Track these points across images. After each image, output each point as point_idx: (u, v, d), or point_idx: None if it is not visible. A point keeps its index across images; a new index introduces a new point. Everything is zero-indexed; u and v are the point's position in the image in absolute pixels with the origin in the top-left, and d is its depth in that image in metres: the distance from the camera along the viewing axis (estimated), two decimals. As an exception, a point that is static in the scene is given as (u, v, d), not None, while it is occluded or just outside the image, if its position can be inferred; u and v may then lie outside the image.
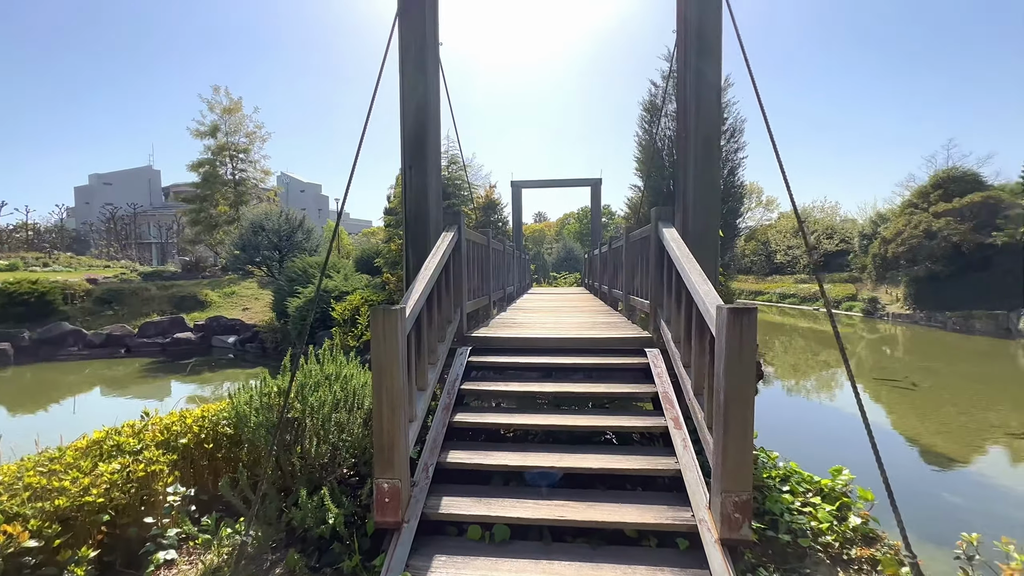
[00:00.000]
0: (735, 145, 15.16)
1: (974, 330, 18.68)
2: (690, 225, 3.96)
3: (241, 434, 3.39)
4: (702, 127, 3.86)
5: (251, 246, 22.07)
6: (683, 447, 3.08)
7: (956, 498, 5.79)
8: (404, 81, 4.18)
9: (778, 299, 30.29)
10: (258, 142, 28.29)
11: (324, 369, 3.63)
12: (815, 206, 37.16)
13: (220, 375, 13.27)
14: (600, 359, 4.23)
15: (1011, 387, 11.10)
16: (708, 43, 3.83)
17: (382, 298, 10.56)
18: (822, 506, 3.15)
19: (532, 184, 19.15)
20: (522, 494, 3.01)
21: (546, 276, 24.60)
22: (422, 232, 4.32)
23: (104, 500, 2.77)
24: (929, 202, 22.16)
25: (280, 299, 15.27)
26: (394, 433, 2.66)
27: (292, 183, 52.07)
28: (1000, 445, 7.57)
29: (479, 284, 5.86)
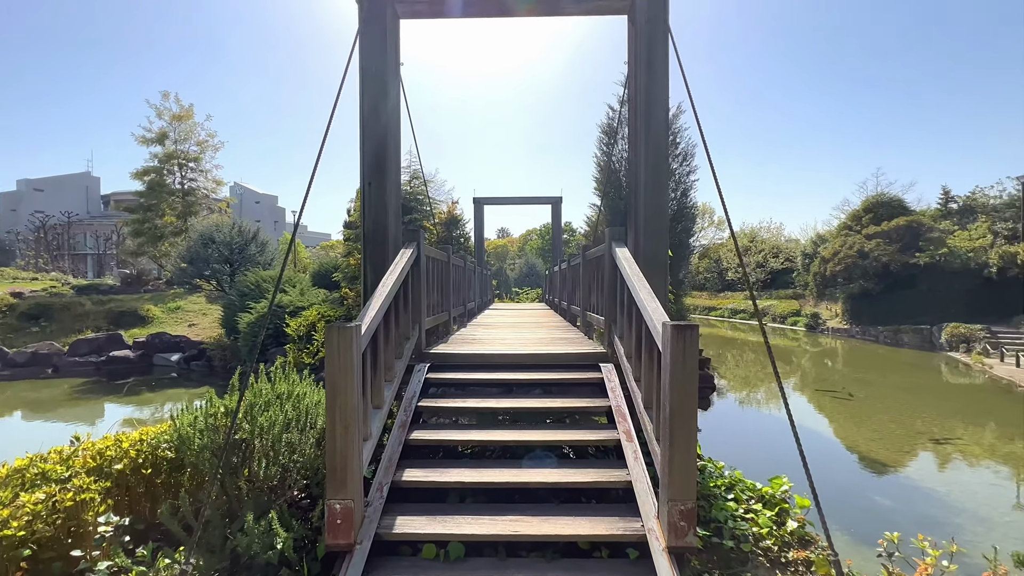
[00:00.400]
0: (687, 168, 16.00)
1: (903, 343, 20.22)
2: (641, 245, 4.16)
3: (183, 457, 3.23)
4: (651, 154, 4.09)
5: (200, 259, 21.05)
6: (634, 459, 3.19)
7: (887, 500, 6.21)
8: (364, 99, 4.21)
9: (730, 314, 31.71)
10: (210, 151, 27.22)
11: (276, 388, 3.53)
12: (762, 227, 39.42)
13: (161, 395, 12.48)
14: (557, 374, 4.32)
15: (935, 396, 12.07)
16: (657, 77, 4.09)
17: (340, 313, 10.32)
18: (763, 512, 3.33)
19: (494, 201, 19.37)
20: (478, 511, 3.02)
21: (508, 292, 24.75)
22: (381, 248, 4.31)
23: (26, 533, 2.57)
24: (861, 224, 24.01)
25: (230, 314, 14.62)
26: (347, 452, 2.62)
27: (247, 194, 50.16)
28: (925, 450, 8.21)
29: (439, 300, 5.87)
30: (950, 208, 27.97)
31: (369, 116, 4.16)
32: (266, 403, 3.35)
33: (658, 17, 3.99)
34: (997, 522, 5.65)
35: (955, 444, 8.47)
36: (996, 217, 25.03)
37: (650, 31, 4.04)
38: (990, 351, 16.31)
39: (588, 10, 4.58)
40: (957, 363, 16.27)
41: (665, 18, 3.98)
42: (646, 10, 4.04)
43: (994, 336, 17.43)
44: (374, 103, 4.15)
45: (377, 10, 4.28)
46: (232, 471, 3.14)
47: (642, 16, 4.11)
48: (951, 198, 28.61)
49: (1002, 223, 24.25)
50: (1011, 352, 15.43)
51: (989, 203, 27.02)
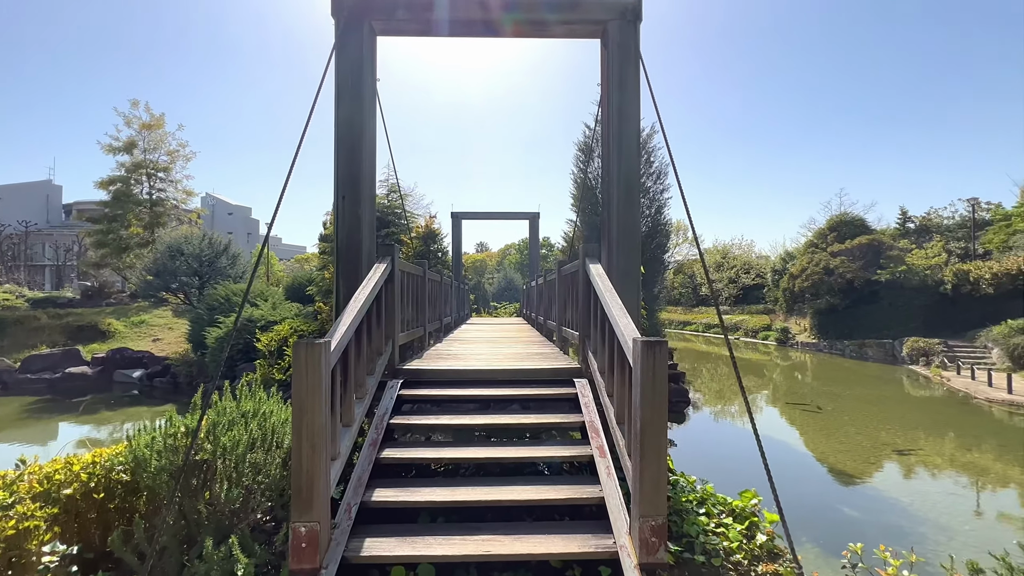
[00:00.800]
0: (661, 186, 16.43)
1: (867, 356, 20.97)
2: (614, 261, 4.23)
3: (139, 481, 3.08)
4: (623, 172, 4.19)
5: (167, 271, 20.36)
6: (607, 475, 3.19)
7: (855, 512, 6.37)
8: (339, 113, 4.20)
9: (704, 329, 32.35)
10: (181, 161, 26.57)
11: (241, 406, 3.42)
12: (733, 243, 40.61)
13: (121, 414, 11.91)
14: (533, 390, 4.31)
15: (898, 408, 12.51)
16: (628, 99, 4.21)
17: (313, 328, 10.11)
18: (733, 526, 3.36)
19: (472, 216, 19.43)
20: (449, 531, 2.96)
21: (486, 306, 24.70)
22: (354, 263, 4.26)
23: (-41, 566, 2.39)
24: (827, 242, 25.00)
25: (198, 329, 14.14)
26: (314, 473, 2.54)
27: (219, 205, 48.98)
28: (891, 460, 8.47)
29: (413, 315, 5.81)
30: (908, 227, 29.45)
31: (344, 131, 4.14)
32: (230, 422, 3.24)
33: (629, 43, 4.13)
34: (957, 531, 5.84)
35: (917, 455, 8.77)
36: (949, 236, 26.46)
37: (621, 55, 4.18)
38: (947, 364, 17.05)
39: (565, 33, 4.71)
40: (918, 376, 16.94)
41: (636, 44, 4.13)
42: (617, 36, 4.18)
43: (951, 350, 18.24)
44: (349, 118, 4.14)
45: (354, 26, 4.30)
46: (191, 494, 3.00)
47: (614, 42, 4.25)
48: (908, 218, 30.15)
49: (955, 242, 25.64)
50: (966, 365, 16.17)
51: (943, 223, 28.57)
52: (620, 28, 4.23)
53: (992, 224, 25.17)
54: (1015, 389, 12.98)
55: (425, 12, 4.41)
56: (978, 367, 15.71)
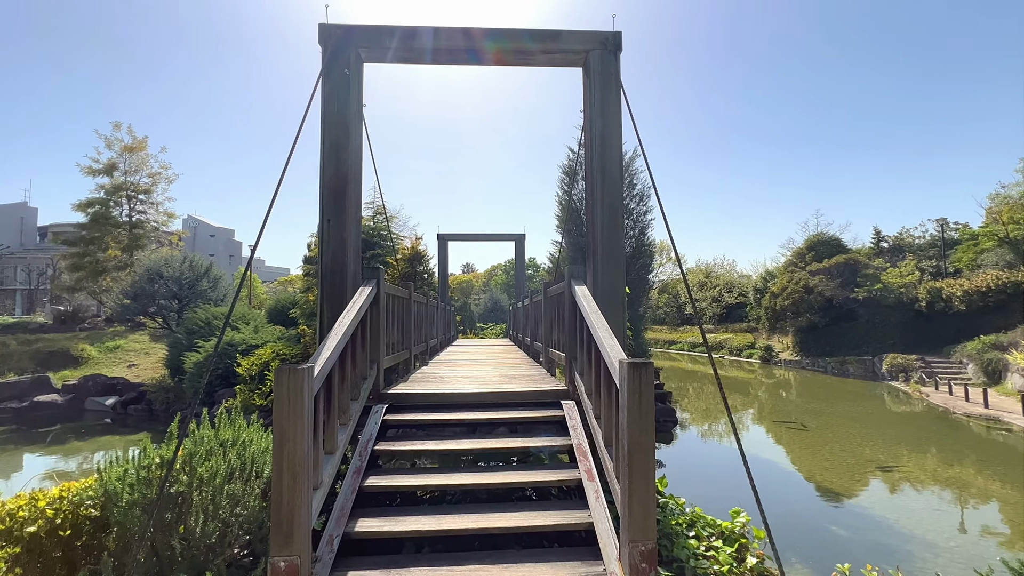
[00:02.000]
0: (644, 208, 16.74)
1: (848, 373, 21.32)
2: (599, 281, 4.27)
3: (110, 516, 2.94)
4: (607, 196, 4.27)
5: (145, 295, 19.89)
6: (595, 499, 3.15)
7: (843, 530, 6.37)
8: (325, 138, 4.22)
9: (689, 348, 32.60)
10: (163, 183, 26.28)
11: (220, 434, 3.32)
12: (716, 263, 41.37)
13: (92, 443, 11.43)
14: (520, 413, 4.27)
15: (880, 424, 12.68)
16: (610, 125, 4.33)
17: (296, 351, 9.92)
18: (723, 549, 3.33)
19: (458, 237, 19.50)
20: (435, 561, 2.87)
21: (473, 327, 24.58)
22: (339, 286, 4.23)
23: (-91, 614, 2.24)
24: (805, 261, 25.64)
25: (176, 354, 13.77)
26: (294, 504, 2.46)
27: (201, 227, 48.30)
28: (875, 477, 8.53)
29: (399, 338, 5.76)
30: (882, 247, 30.39)
31: (329, 155, 4.16)
32: (208, 451, 3.13)
33: (609, 72, 4.27)
34: (943, 547, 5.88)
35: (901, 471, 8.86)
36: (921, 255, 27.36)
37: (603, 83, 4.31)
38: (926, 380, 17.42)
39: (549, 62, 4.85)
40: (898, 392, 17.24)
41: (616, 72, 4.27)
42: (598, 66, 4.33)
43: (928, 366, 18.66)
44: (335, 142, 4.17)
45: (340, 53, 4.37)
46: (165, 528, 2.88)
47: (595, 70, 4.39)
48: (882, 238, 31.15)
49: (926, 261, 26.51)
50: (944, 381, 16.54)
51: (914, 242, 29.58)
52: (601, 58, 4.37)
53: (961, 243, 26.14)
54: (991, 404, 13.29)
55: (410, 40, 4.51)
56: (955, 382, 16.07)
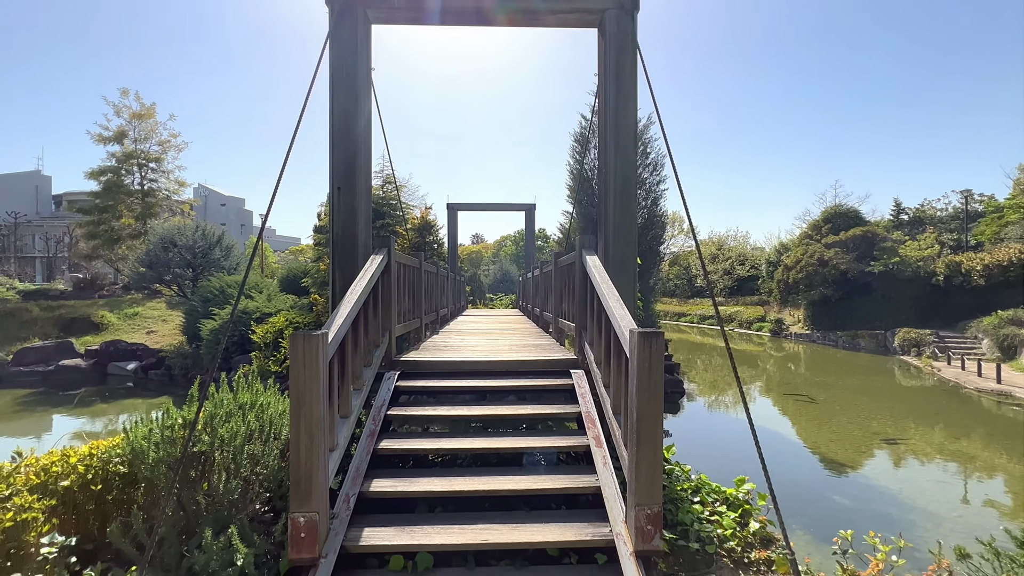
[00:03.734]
0: (657, 177, 16.38)
1: (859, 347, 21.19)
2: (610, 253, 4.23)
3: (137, 472, 3.08)
4: (620, 165, 4.18)
5: (160, 263, 20.18)
6: (603, 465, 3.22)
7: (846, 500, 6.47)
8: (334, 103, 4.15)
9: (699, 320, 32.52)
10: (172, 151, 26.23)
11: (238, 397, 3.42)
12: (728, 235, 40.69)
13: (116, 406, 11.88)
14: (530, 381, 4.33)
15: (889, 398, 12.68)
16: (625, 90, 4.19)
17: (309, 320, 10.08)
18: (727, 514, 3.41)
19: (468, 207, 19.36)
20: (447, 520, 2.99)
21: (482, 298, 24.70)
22: (350, 255, 4.24)
23: (-42, 557, 2.39)
24: (821, 234, 25.11)
25: (192, 321, 14.08)
26: (312, 464, 2.55)
27: (211, 196, 48.43)
28: (880, 449, 8.60)
29: (410, 307, 5.81)
30: (901, 219, 29.59)
31: (339, 120, 4.10)
32: (227, 414, 3.24)
33: (626, 33, 4.10)
34: (945, 517, 5.96)
35: (907, 444, 8.91)
36: (942, 228, 26.63)
37: (618, 46, 4.14)
38: (938, 354, 17.27)
39: (562, 22, 4.66)
40: (909, 366, 17.15)
41: (633, 34, 4.10)
42: (615, 26, 4.15)
43: (942, 340, 18.46)
44: (344, 107, 4.10)
45: (348, 14, 4.24)
46: (190, 485, 3.01)
47: (611, 31, 4.21)
48: (902, 210, 30.29)
49: (948, 234, 25.82)
50: (957, 355, 16.39)
51: (936, 215, 28.75)
52: (617, 18, 4.20)
53: (984, 216, 25.35)
54: (1003, 379, 13.18)
55: (419, 0, 4.36)
56: (968, 357, 15.92)
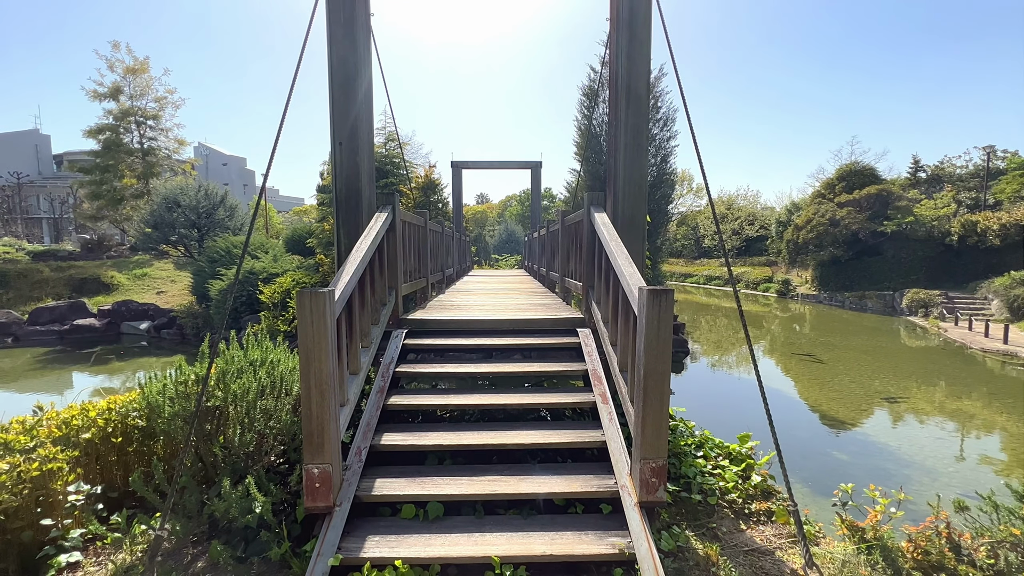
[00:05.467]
0: (667, 134, 15.84)
1: (866, 308, 21.11)
2: (620, 211, 4.14)
3: (155, 426, 3.17)
4: (632, 118, 4.01)
5: (165, 223, 20.15)
6: (609, 420, 3.27)
7: (844, 455, 6.62)
8: (332, 52, 3.96)
9: (705, 281, 32.41)
10: (170, 108, 25.60)
11: (248, 355, 3.46)
12: (739, 194, 39.85)
13: (132, 364, 12.19)
14: (536, 339, 4.35)
15: (893, 358, 12.73)
16: (638, 38, 3.96)
17: (315, 280, 10.12)
18: (729, 468, 3.49)
19: (473, 165, 18.94)
20: (456, 472, 3.08)
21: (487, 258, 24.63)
22: (354, 212, 4.18)
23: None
24: (834, 193, 24.47)
25: (201, 281, 14.19)
26: (324, 418, 2.61)
27: (212, 155, 47.71)
28: (881, 408, 8.71)
29: (416, 266, 5.79)
30: (919, 177, 28.71)
31: (338, 71, 3.93)
32: (239, 370, 3.29)
33: (642, -29, 3.82)
34: (942, 472, 6.10)
35: (908, 402, 9.01)
36: (961, 186, 25.85)
37: (633, -13, 3.88)
38: (946, 315, 17.19)
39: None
40: (915, 327, 17.12)
41: (649, -27, 3.82)
42: (629, -37, 3.87)
43: (951, 301, 18.32)
44: (343, 55, 3.91)
45: (344, -47, 3.97)
46: (206, 438, 3.10)
47: (625, -30, 3.93)
48: (920, 167, 29.33)
49: (966, 192, 25.09)
50: (965, 316, 16.30)
51: (955, 173, 27.84)
52: (632, -45, 3.90)
53: (1007, 173, 24.51)
54: (1010, 339, 13.15)
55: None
56: (976, 318, 15.84)
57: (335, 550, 2.49)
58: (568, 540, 2.60)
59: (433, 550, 2.53)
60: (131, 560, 2.62)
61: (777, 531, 3.00)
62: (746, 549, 2.81)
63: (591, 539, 2.60)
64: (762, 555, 2.76)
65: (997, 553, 2.48)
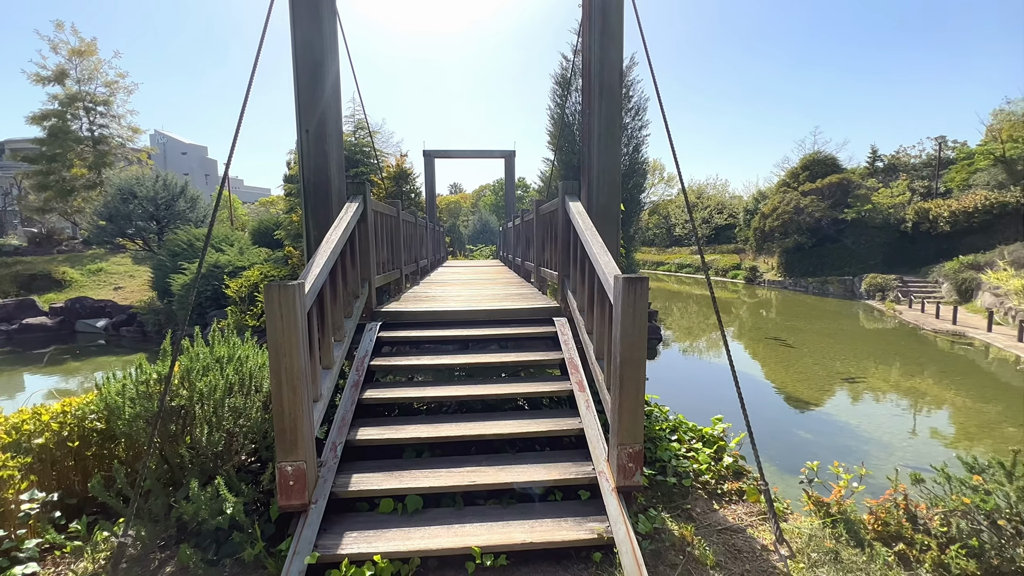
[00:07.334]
0: (639, 123, 15.96)
1: (828, 293, 22.00)
2: (594, 200, 4.14)
3: (115, 428, 3.02)
4: (605, 106, 4.00)
5: (120, 216, 19.16)
6: (586, 408, 3.31)
7: (809, 434, 6.91)
8: (296, 35, 3.79)
9: (676, 269, 33.10)
10: (122, 93, 24.22)
11: (214, 351, 3.33)
12: (708, 183, 40.68)
13: (90, 364, 11.62)
14: (512, 329, 4.34)
15: (852, 340, 13.33)
16: (611, 25, 3.94)
17: (284, 273, 9.83)
18: (703, 450, 3.59)
19: (445, 154, 18.67)
20: (435, 464, 3.06)
21: (462, 249, 24.45)
22: (323, 202, 4.05)
23: (-67, 517, 2.34)
24: (799, 182, 25.28)
25: (162, 276, 13.60)
26: (296, 414, 2.53)
27: (170, 144, 45.54)
28: (842, 388, 9.12)
29: (389, 257, 5.68)
30: (876, 167, 29.89)
31: (303, 54, 3.77)
32: (205, 367, 3.16)
33: (614, -43, 3.79)
34: (897, 447, 6.45)
35: (866, 382, 9.47)
36: (915, 175, 27.07)
37: (606, -28, 3.85)
38: (901, 299, 18.08)
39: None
40: (873, 310, 17.96)
41: (621, -41, 3.79)
42: (602, -52, 3.83)
43: (905, 285, 19.28)
44: (307, 37, 3.75)
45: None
46: (171, 439, 2.98)
47: (598, -46, 3.89)
48: (878, 157, 30.53)
49: (920, 181, 26.29)
50: (918, 299, 17.20)
51: (910, 162, 29.12)
52: (604, -60, 3.86)
53: (956, 163, 25.80)
54: (959, 320, 13.96)
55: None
56: (928, 301, 16.73)
57: (312, 548, 2.44)
58: (548, 527, 2.62)
59: (412, 543, 2.51)
60: (93, 568, 2.51)
61: (748, 509, 3.10)
62: (719, 528, 2.90)
63: (570, 525, 2.63)
64: (734, 533, 2.86)
65: (949, 521, 2.64)
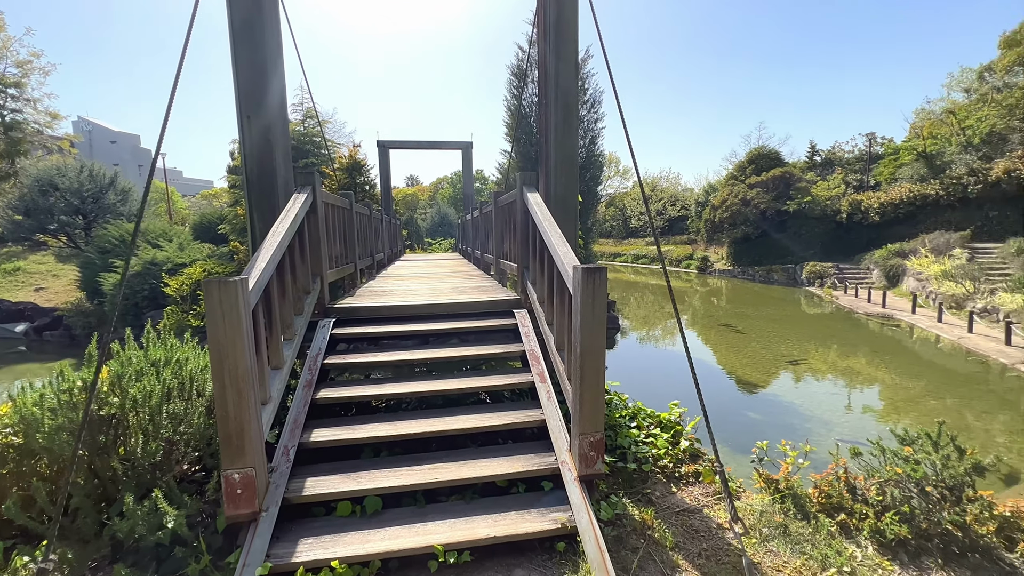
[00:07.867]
0: (595, 115, 16.18)
1: (773, 280, 23.26)
2: (552, 189, 4.13)
3: (33, 443, 2.74)
4: (561, 96, 3.98)
5: (40, 210, 17.53)
6: (547, 399, 3.30)
7: (757, 415, 7.27)
8: (234, 13, 3.53)
9: (633, 259, 33.98)
10: (37, 74, 21.96)
11: (149, 354, 3.08)
12: (662, 176, 41.93)
13: (9, 372, 10.60)
14: (472, 323, 4.28)
15: (795, 325, 14.15)
16: (566, 16, 3.91)
17: (230, 269, 9.31)
18: (661, 435, 3.68)
19: (401, 145, 18.22)
20: (395, 463, 2.97)
21: (420, 242, 24.03)
22: (268, 193, 3.82)
23: None
24: (746, 175, 26.48)
25: (91, 275, 12.56)
26: (242, 419, 2.38)
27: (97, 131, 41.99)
28: (786, 370, 9.67)
29: (342, 251, 5.46)
30: (815, 160, 31.76)
31: (241, 33, 3.51)
32: (138, 372, 2.92)
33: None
34: (836, 423, 6.90)
35: (807, 363, 10.08)
36: (849, 169, 28.97)
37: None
38: (837, 285, 19.37)
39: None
40: (813, 296, 19.14)
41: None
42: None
43: (841, 272, 20.65)
44: (246, 15, 3.49)
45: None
46: (101, 451, 2.73)
47: (552, -59, 3.85)
48: (816, 151, 32.45)
49: (853, 175, 28.18)
50: (852, 285, 18.48)
51: (844, 157, 31.12)
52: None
53: (884, 157, 27.80)
54: (888, 304, 15.11)
55: None
56: (861, 286, 18.00)
57: (263, 558, 2.30)
58: (511, 520, 2.60)
59: (372, 546, 2.42)
60: (11, 598, 2.26)
61: (704, 490, 3.21)
62: (678, 510, 2.98)
63: (534, 517, 2.62)
64: (692, 514, 2.95)
65: (884, 490, 2.83)
